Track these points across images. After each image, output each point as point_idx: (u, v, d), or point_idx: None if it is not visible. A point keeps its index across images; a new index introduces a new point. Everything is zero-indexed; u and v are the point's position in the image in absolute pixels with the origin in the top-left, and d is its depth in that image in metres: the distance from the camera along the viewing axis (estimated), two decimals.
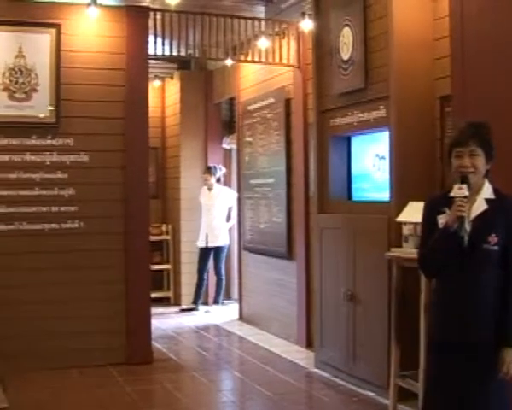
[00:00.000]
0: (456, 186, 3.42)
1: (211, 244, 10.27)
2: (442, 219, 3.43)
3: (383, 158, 6.33)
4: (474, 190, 3.42)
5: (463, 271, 3.39)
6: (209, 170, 10.42)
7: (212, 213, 10.30)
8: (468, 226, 3.37)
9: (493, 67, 4.73)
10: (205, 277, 10.42)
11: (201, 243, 10.33)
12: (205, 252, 10.34)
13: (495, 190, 3.48)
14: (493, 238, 3.35)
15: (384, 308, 5.89)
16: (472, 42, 4.91)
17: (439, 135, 5.83)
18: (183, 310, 10.48)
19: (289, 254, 8.45)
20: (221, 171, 10.54)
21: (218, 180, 10.47)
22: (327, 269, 6.85)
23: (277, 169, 8.69)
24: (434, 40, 5.91)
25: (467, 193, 3.35)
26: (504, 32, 4.63)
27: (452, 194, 3.43)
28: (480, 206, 3.43)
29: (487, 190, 3.47)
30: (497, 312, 3.37)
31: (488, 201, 3.44)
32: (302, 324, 8.06)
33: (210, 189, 10.39)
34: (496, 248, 3.36)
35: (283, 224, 8.55)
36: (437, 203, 3.53)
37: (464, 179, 3.38)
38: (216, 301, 10.39)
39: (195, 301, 10.41)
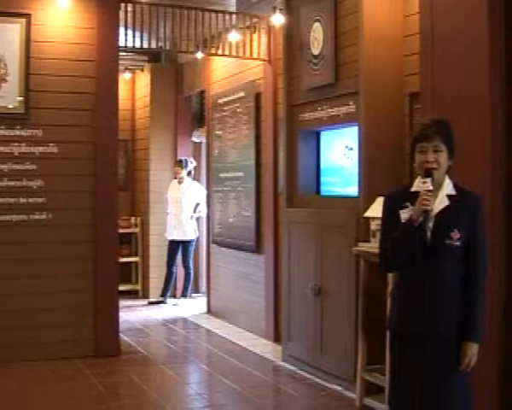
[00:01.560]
0: (419, 180, 3.44)
1: (179, 238, 10.24)
2: (405, 214, 3.43)
3: (352, 149, 6.36)
4: (436, 186, 3.43)
5: (425, 265, 3.41)
6: (180, 163, 10.37)
7: (181, 206, 10.26)
8: (431, 222, 3.39)
9: (462, 65, 4.75)
10: (174, 270, 10.39)
11: (170, 236, 10.30)
12: (174, 245, 10.31)
13: (455, 186, 3.51)
14: (456, 234, 3.38)
15: (351, 303, 5.91)
16: (441, 39, 4.93)
17: (408, 131, 5.86)
18: (152, 303, 10.43)
19: (258, 248, 8.45)
20: (192, 164, 10.50)
21: (189, 174, 10.44)
22: (295, 263, 6.86)
23: (247, 163, 8.68)
24: (404, 37, 5.94)
25: (431, 187, 3.36)
26: (473, 29, 4.65)
27: (416, 188, 3.46)
28: (442, 202, 3.45)
29: (448, 186, 3.49)
30: (459, 306, 3.40)
31: (450, 196, 3.47)
32: (270, 317, 8.07)
33: (180, 182, 10.35)
34: (458, 243, 3.39)
35: (252, 218, 8.55)
36: (398, 198, 3.54)
37: (428, 174, 3.40)
38: (184, 295, 10.36)
39: (164, 294, 10.38)
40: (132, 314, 9.59)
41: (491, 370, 4.46)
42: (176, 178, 10.43)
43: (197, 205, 10.33)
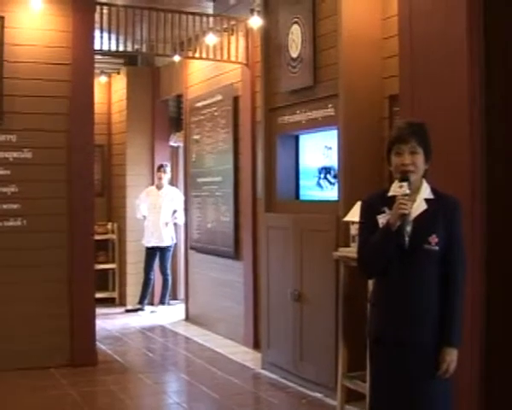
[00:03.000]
0: (396, 184, 3.43)
1: (157, 244, 10.20)
2: (382, 219, 3.43)
3: (330, 149, 6.38)
4: (414, 190, 3.43)
5: (404, 271, 3.40)
6: (162, 168, 10.34)
7: (160, 212, 10.22)
8: (408, 227, 3.38)
9: (441, 67, 4.78)
10: (151, 276, 10.35)
11: (148, 243, 10.26)
12: (151, 251, 10.27)
13: (433, 190, 3.50)
14: (434, 238, 3.38)
15: (331, 309, 5.91)
16: (420, 41, 4.95)
17: (388, 134, 5.86)
18: (129, 311, 10.38)
19: (236, 254, 8.44)
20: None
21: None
22: (274, 269, 6.85)
23: (225, 167, 8.67)
24: (383, 39, 5.96)
25: (408, 191, 3.35)
26: (452, 32, 4.68)
27: (393, 192, 3.45)
28: (419, 206, 3.45)
29: (426, 190, 3.48)
30: (438, 311, 3.39)
31: (427, 200, 3.46)
32: (249, 324, 8.06)
33: (159, 187, 10.32)
34: (437, 248, 3.38)
35: (231, 223, 8.54)
36: (375, 203, 3.52)
37: (405, 177, 3.39)
38: (162, 302, 10.32)
39: (141, 302, 10.33)
40: (109, 322, 9.54)
41: (473, 374, 4.48)
42: (155, 184, 10.40)
43: (174, 211, 10.30)
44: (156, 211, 10.25)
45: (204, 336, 8.73)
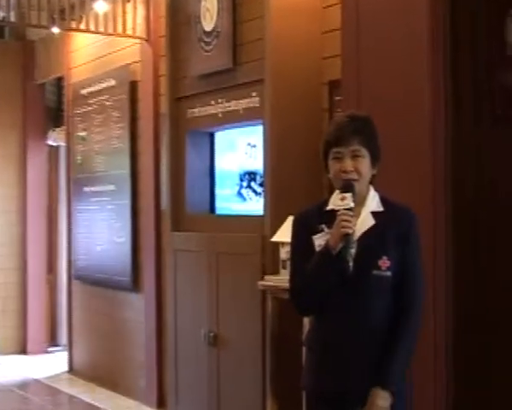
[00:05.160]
0: (336, 196, 3.45)
1: None
2: (320, 240, 3.45)
3: (255, 148, 6.42)
4: (358, 202, 3.45)
5: (347, 305, 3.42)
6: None
7: None
8: (352, 248, 3.40)
9: (396, 47, 4.82)
10: None
11: None
12: None
13: (382, 200, 3.54)
14: (385, 262, 3.41)
15: (257, 354, 5.92)
16: (369, 12, 5.00)
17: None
18: None
19: (135, 285, 8.40)
20: None
21: None
22: (183, 304, 6.83)
23: (119, 173, 8.63)
24: (323, 8, 6.01)
25: (352, 204, 3.37)
26: (411, 2, 4.75)
27: (332, 206, 3.47)
28: (366, 221, 3.47)
29: (373, 201, 3.52)
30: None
31: (376, 214, 3.49)
32: (152, 376, 8.01)
33: None
34: (388, 273, 3.41)
35: (127, 245, 8.49)
36: (311, 219, 3.54)
37: (347, 187, 3.41)
38: None
39: None
40: None
41: None
42: None
43: None
44: None
45: (93, 394, 8.66)
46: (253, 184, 6.53)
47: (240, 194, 6.67)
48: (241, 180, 6.65)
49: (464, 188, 4.66)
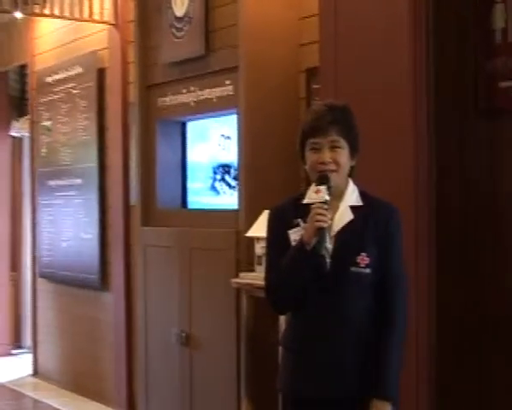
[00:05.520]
0: (312, 189, 3.46)
1: None
2: (295, 235, 3.45)
3: (229, 139, 6.42)
4: (336, 195, 3.46)
5: (325, 303, 3.42)
6: None
7: None
8: (329, 243, 3.41)
9: (376, 33, 4.83)
10: None
11: None
12: None
13: (362, 194, 3.54)
14: (364, 258, 3.41)
15: (231, 354, 5.92)
16: None
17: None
18: None
19: (103, 283, 8.39)
20: None
21: None
22: (154, 303, 6.83)
23: (86, 166, 8.61)
24: None
25: (327, 197, 3.37)
26: None
27: (308, 199, 3.48)
28: (344, 216, 3.48)
29: (352, 195, 3.53)
30: (371, 356, 3.42)
31: (355, 208, 3.49)
32: (121, 378, 8.00)
33: None
34: (368, 270, 3.41)
35: (94, 241, 8.48)
36: (287, 213, 3.54)
37: (323, 180, 3.41)
38: None
39: None
40: None
41: None
42: None
43: None
44: None
45: (60, 398, 8.65)
46: (226, 177, 6.52)
47: (213, 187, 6.66)
48: (215, 173, 6.65)
49: (448, 182, 4.67)
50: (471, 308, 4.59)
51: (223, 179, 6.57)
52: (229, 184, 6.50)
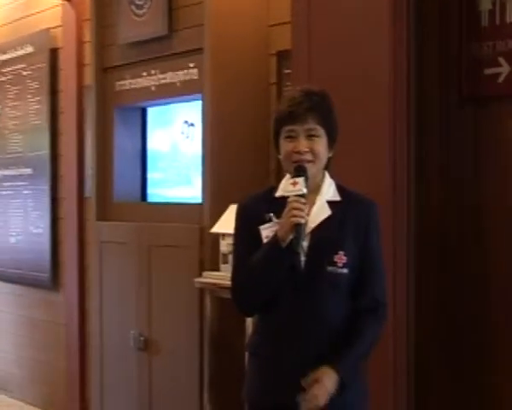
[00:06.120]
0: (287, 181, 3.46)
1: None
2: (267, 231, 3.45)
3: (193, 126, 6.42)
4: (312, 188, 3.46)
5: (298, 305, 3.42)
6: None
7: None
8: (304, 241, 3.40)
9: (349, 9, 4.83)
10: None
11: None
12: None
13: (339, 188, 3.56)
14: (341, 257, 3.42)
15: (194, 360, 5.92)
16: None
17: (276, 107, 5.92)
18: None
19: (54, 283, 8.38)
20: None
21: None
22: (110, 304, 6.82)
23: (37, 154, 8.58)
24: None
25: (304, 190, 3.36)
26: None
27: (282, 192, 3.48)
28: (321, 211, 3.48)
29: (330, 188, 3.54)
30: None
31: (332, 204, 3.50)
32: (74, 386, 8.00)
33: None
34: (345, 270, 3.42)
35: (45, 236, 8.46)
36: (257, 207, 3.54)
37: (301, 171, 3.41)
38: None
39: None
40: None
41: None
42: None
43: None
44: None
45: (5, 408, 8.60)
46: (190, 167, 6.51)
47: (175, 179, 6.65)
48: (177, 163, 6.64)
49: (428, 172, 4.69)
50: (451, 301, 4.65)
51: (186, 170, 6.56)
52: (192, 176, 6.49)
